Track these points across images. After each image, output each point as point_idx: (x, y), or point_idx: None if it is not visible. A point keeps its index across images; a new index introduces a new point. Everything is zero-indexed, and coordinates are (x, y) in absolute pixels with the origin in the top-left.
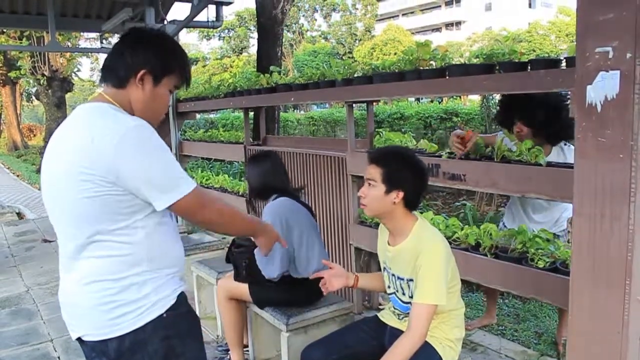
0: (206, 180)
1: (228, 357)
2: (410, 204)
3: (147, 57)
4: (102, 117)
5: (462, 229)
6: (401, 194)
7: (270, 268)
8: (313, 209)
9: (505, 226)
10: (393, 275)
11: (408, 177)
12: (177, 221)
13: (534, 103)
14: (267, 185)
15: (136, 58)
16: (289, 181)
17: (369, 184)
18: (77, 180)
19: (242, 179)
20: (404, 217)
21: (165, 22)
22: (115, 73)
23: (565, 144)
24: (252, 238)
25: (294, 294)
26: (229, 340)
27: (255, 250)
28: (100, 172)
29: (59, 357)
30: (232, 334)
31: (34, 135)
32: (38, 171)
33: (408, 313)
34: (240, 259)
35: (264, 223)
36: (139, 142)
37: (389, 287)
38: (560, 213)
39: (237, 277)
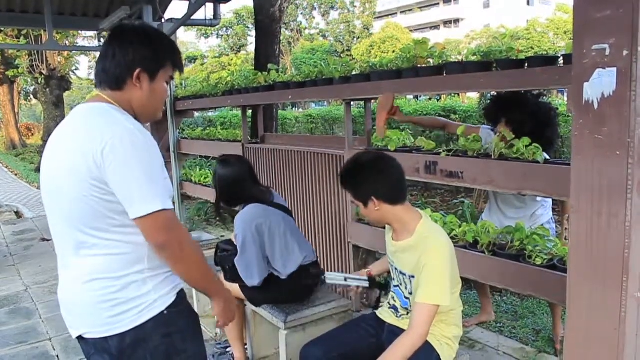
0: (204, 178)
1: (230, 352)
2: (394, 199)
3: (139, 55)
4: (100, 117)
5: (460, 227)
6: (376, 200)
7: (250, 280)
8: (311, 207)
9: None
10: (396, 269)
11: (370, 182)
12: None
13: (523, 110)
14: (232, 195)
15: (128, 58)
16: (258, 186)
17: (355, 204)
18: (75, 180)
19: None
20: (404, 215)
21: (163, 20)
22: (111, 77)
23: None
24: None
25: (281, 292)
26: (229, 336)
27: (236, 260)
28: (93, 175)
29: (57, 356)
30: (232, 329)
31: (32, 134)
32: (36, 170)
33: (406, 308)
34: (225, 263)
35: (224, 288)
36: (124, 147)
37: (393, 279)
38: (534, 209)
39: (225, 278)
